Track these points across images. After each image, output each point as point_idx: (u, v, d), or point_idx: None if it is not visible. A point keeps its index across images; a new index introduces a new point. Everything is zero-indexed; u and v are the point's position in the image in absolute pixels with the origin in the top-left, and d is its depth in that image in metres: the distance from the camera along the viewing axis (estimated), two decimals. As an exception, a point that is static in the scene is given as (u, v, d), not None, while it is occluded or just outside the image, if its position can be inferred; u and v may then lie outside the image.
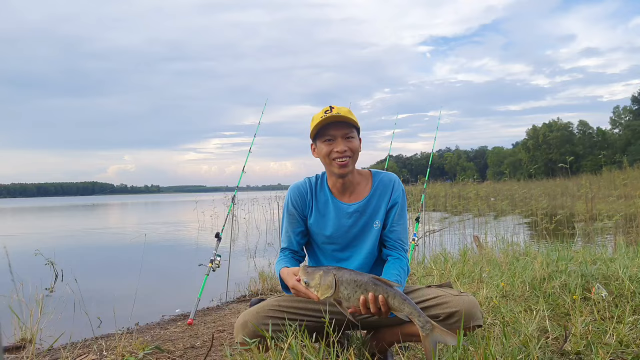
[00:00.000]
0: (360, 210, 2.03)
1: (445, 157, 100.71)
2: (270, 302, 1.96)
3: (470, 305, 1.85)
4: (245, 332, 1.85)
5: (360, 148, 2.02)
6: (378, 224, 2.02)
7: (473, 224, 11.46)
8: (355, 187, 2.06)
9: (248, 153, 4.48)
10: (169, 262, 7.93)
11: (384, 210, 2.03)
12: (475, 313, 1.85)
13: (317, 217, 2.08)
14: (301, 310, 1.96)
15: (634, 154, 41.18)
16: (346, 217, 2.04)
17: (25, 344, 3.01)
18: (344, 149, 1.95)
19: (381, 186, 2.05)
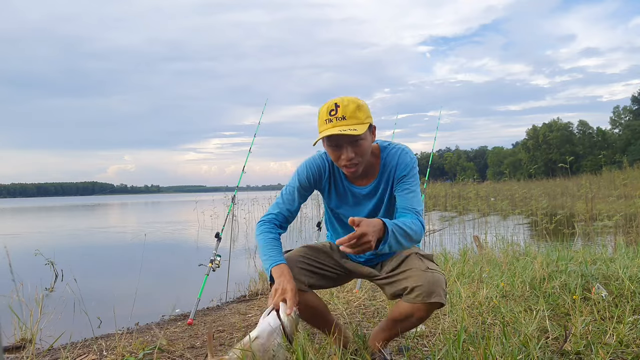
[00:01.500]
0: (372, 193, 2.05)
1: (445, 157, 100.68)
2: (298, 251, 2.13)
3: (432, 281, 1.86)
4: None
5: (371, 142, 1.92)
6: (386, 201, 2.05)
7: (473, 224, 11.46)
8: (367, 170, 2.01)
9: (248, 153, 4.48)
10: (169, 262, 7.93)
11: (391, 187, 2.02)
12: (436, 290, 1.85)
13: (337, 201, 2.11)
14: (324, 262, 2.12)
15: (634, 154, 41.19)
16: (362, 201, 2.07)
17: (25, 344, 3.01)
18: (351, 157, 1.86)
19: (388, 164, 2.01)
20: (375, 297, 3.70)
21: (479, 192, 15.43)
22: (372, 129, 1.93)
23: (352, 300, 3.61)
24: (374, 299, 3.62)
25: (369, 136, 1.90)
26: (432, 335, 2.55)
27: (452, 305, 2.97)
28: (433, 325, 2.71)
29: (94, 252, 9.71)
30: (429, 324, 2.73)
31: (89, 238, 12.86)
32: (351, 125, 1.82)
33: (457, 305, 2.97)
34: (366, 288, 3.97)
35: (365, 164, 1.94)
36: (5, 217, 27.52)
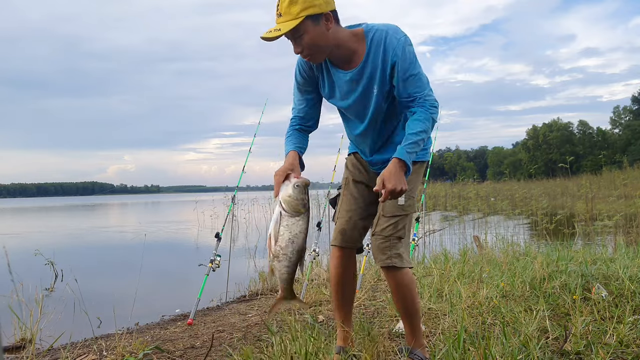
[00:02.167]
0: (356, 78, 1.95)
1: (445, 157, 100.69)
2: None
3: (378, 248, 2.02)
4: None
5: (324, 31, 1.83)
6: (376, 90, 1.93)
7: (473, 224, 11.46)
8: (352, 55, 1.93)
9: (248, 153, 4.48)
10: (169, 262, 7.93)
11: (380, 74, 1.90)
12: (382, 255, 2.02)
13: (329, 90, 2.07)
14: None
15: (634, 154, 41.21)
16: (346, 86, 1.99)
17: (25, 344, 3.01)
18: (299, 50, 1.88)
19: (373, 48, 1.90)
20: (375, 297, 3.70)
21: (479, 192, 15.43)
22: (322, 17, 1.81)
23: (352, 300, 3.60)
24: (374, 299, 3.62)
25: (312, 28, 1.80)
26: (432, 335, 2.55)
27: (452, 305, 2.97)
28: (433, 325, 2.71)
29: (94, 252, 9.72)
30: (429, 324, 2.73)
31: (89, 238, 12.87)
32: (284, 22, 1.80)
33: (457, 305, 2.97)
34: (366, 288, 3.97)
35: (324, 53, 1.90)
36: (5, 217, 27.53)
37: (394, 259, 1.99)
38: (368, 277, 4.46)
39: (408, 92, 1.88)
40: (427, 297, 3.23)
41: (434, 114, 1.87)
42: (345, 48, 1.91)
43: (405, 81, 1.87)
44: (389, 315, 3.01)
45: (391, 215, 2.02)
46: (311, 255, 3.99)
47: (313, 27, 1.80)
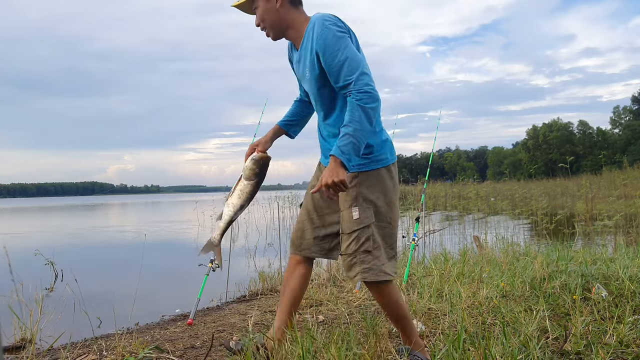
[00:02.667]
0: (297, 60, 2.10)
1: (445, 157, 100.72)
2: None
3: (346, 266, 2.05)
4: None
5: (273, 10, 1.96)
6: (308, 74, 1.99)
7: (473, 224, 11.46)
8: (300, 38, 2.02)
9: (248, 153, 4.48)
10: (169, 262, 7.93)
11: (310, 60, 1.95)
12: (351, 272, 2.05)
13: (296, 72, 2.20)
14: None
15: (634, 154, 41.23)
16: (297, 68, 2.15)
17: (25, 344, 3.01)
18: (257, 23, 2.03)
19: (307, 34, 1.97)
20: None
21: (479, 192, 15.43)
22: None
23: (352, 300, 3.61)
24: (374, 299, 3.62)
25: (264, 4, 1.97)
26: (432, 335, 2.55)
27: (452, 305, 2.97)
28: (433, 325, 2.72)
29: (94, 252, 9.72)
30: (429, 324, 2.73)
31: (89, 238, 12.87)
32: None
33: (457, 305, 2.97)
34: (366, 288, 3.97)
35: (276, 32, 2.03)
36: (5, 217, 27.52)
37: (364, 274, 1.96)
38: (368, 277, 4.46)
39: (338, 80, 1.87)
40: (427, 297, 3.23)
41: (360, 101, 1.79)
42: (296, 30, 2.02)
43: (332, 68, 1.88)
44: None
45: (350, 231, 1.96)
46: (311, 255, 3.99)
47: (264, 4, 1.97)
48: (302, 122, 2.40)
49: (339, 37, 1.85)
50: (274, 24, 1.99)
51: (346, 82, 1.84)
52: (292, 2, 1.99)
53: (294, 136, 2.38)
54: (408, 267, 4.12)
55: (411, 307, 2.96)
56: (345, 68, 1.83)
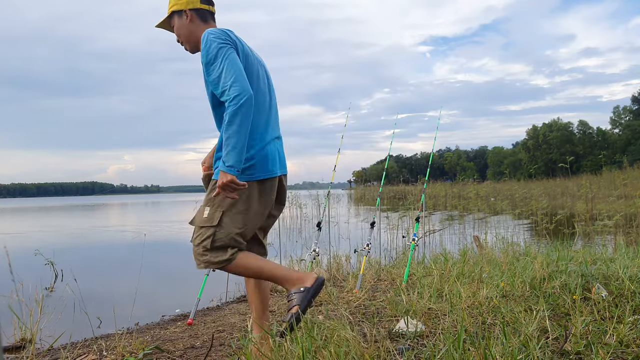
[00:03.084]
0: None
1: (445, 157, 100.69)
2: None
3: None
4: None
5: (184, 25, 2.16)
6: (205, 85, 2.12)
7: (473, 224, 11.46)
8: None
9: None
10: (169, 262, 7.94)
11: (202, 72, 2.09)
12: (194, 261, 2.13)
13: None
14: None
15: (634, 154, 41.26)
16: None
17: (25, 344, 3.01)
18: (176, 39, 2.23)
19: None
20: (375, 297, 3.70)
21: (479, 192, 15.42)
22: (184, 13, 2.15)
23: (352, 300, 3.61)
24: (374, 299, 3.62)
25: (177, 21, 2.18)
26: (432, 335, 2.55)
27: (452, 305, 2.97)
28: (433, 325, 2.71)
29: (94, 252, 9.72)
30: (429, 324, 2.73)
31: (89, 238, 12.86)
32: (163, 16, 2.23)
33: (457, 305, 2.97)
34: (366, 288, 3.97)
35: (191, 45, 2.20)
36: (5, 217, 27.52)
37: (199, 265, 2.08)
38: (368, 277, 4.46)
39: (216, 90, 1.99)
40: (427, 297, 3.23)
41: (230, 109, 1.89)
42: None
43: (210, 79, 2.01)
44: (389, 315, 3.01)
45: (199, 225, 2.08)
46: (311, 255, 3.99)
47: (178, 20, 2.18)
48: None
49: (218, 49, 1.96)
50: (187, 38, 2.18)
51: (222, 92, 1.95)
52: (202, 18, 2.17)
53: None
54: (408, 267, 4.12)
55: (411, 307, 2.96)
56: (220, 79, 1.95)
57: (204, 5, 2.18)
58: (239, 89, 1.89)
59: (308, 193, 16.55)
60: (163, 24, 2.24)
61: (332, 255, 5.32)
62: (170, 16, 2.19)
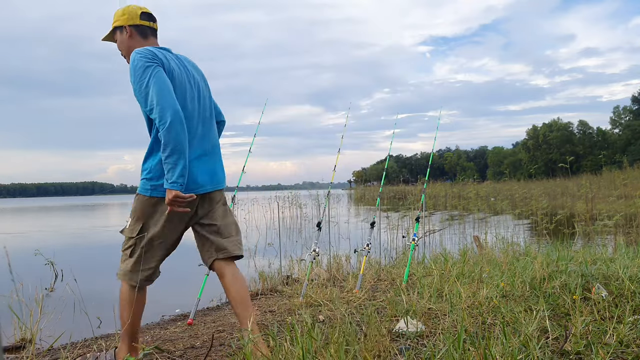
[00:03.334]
0: None
1: (445, 157, 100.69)
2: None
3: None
4: None
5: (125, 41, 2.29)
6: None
7: (473, 224, 11.46)
8: None
9: (248, 153, 4.48)
10: (169, 262, 7.89)
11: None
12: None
13: None
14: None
15: (634, 154, 41.26)
16: None
17: (25, 344, 3.01)
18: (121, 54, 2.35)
19: None
20: (375, 297, 3.70)
21: (479, 192, 15.42)
22: (124, 29, 2.28)
23: (352, 300, 3.61)
24: (374, 299, 3.62)
25: (118, 36, 2.31)
26: (432, 335, 2.55)
27: (452, 305, 2.97)
28: (433, 325, 2.72)
29: (94, 251, 9.71)
30: (429, 324, 2.73)
31: (89, 238, 12.87)
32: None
33: (457, 305, 2.97)
34: (366, 288, 3.97)
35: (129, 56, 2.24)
36: (5, 217, 27.52)
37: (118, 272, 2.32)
38: (368, 277, 4.46)
39: (145, 109, 2.11)
40: (427, 297, 3.23)
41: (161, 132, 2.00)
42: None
43: (137, 98, 2.12)
44: (389, 315, 3.01)
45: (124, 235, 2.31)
46: (311, 255, 3.99)
47: (119, 36, 2.30)
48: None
49: (145, 68, 2.05)
50: (127, 52, 2.28)
51: (149, 110, 2.05)
52: (142, 34, 2.29)
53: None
54: (408, 267, 4.12)
55: (411, 307, 2.96)
56: (147, 101, 2.06)
57: (144, 21, 2.29)
58: (166, 110, 1.99)
59: (308, 193, 16.55)
60: (108, 38, 2.37)
61: (332, 255, 5.32)
62: (113, 31, 2.32)
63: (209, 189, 2.29)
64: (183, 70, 2.23)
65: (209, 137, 2.31)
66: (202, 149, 2.26)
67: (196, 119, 2.23)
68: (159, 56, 2.11)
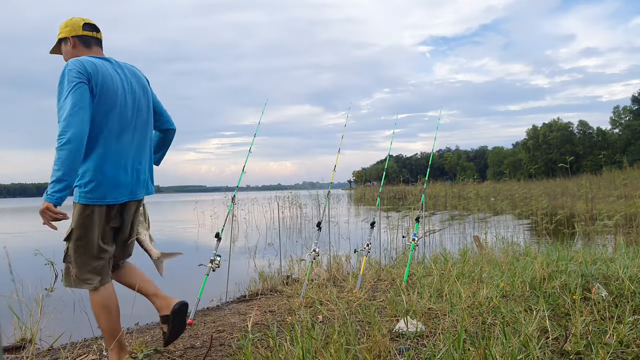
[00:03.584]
0: None
1: (445, 157, 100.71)
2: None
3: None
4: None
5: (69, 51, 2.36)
6: None
7: (473, 224, 11.46)
8: None
9: (248, 153, 4.48)
10: (169, 262, 7.91)
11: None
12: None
13: None
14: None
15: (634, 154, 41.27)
16: None
17: (25, 344, 3.01)
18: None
19: None
20: (375, 297, 3.70)
21: (479, 192, 15.43)
22: (68, 40, 2.36)
23: (352, 300, 3.61)
24: (374, 299, 3.62)
25: (63, 47, 2.38)
26: (432, 335, 2.55)
27: (452, 305, 2.97)
28: (433, 325, 2.72)
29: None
30: (429, 324, 2.73)
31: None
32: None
33: (457, 305, 2.97)
34: (366, 288, 3.97)
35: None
36: (5, 217, 27.53)
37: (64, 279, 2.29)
38: (368, 277, 4.46)
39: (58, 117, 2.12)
40: (427, 297, 3.23)
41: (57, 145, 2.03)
42: None
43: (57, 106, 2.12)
44: (389, 315, 3.01)
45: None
46: (311, 255, 3.99)
47: (64, 47, 2.38)
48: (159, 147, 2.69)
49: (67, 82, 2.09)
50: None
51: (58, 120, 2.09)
52: (85, 43, 2.36)
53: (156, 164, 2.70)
54: (408, 267, 4.12)
55: (411, 307, 2.96)
56: (61, 111, 2.08)
57: (87, 32, 2.36)
58: (70, 127, 2.03)
59: (308, 193, 16.56)
60: (54, 50, 2.43)
61: (332, 255, 5.32)
62: (59, 43, 2.39)
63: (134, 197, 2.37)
64: (122, 81, 2.29)
65: (141, 148, 2.38)
66: (133, 158, 2.33)
67: (131, 130, 2.30)
68: (89, 70, 2.15)
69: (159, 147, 2.68)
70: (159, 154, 2.69)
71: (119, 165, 2.23)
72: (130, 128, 2.29)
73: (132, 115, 2.30)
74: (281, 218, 14.21)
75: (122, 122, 2.25)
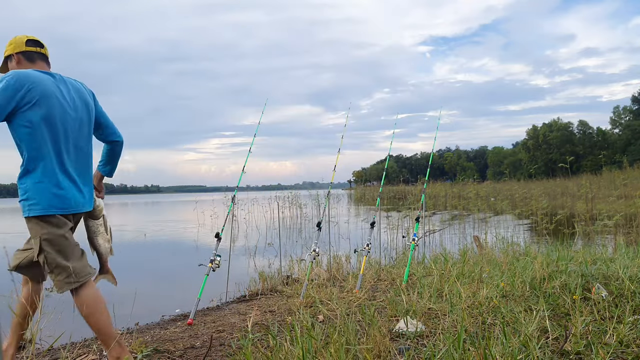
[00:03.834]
0: None
1: (445, 157, 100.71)
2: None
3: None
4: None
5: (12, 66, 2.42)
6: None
7: (473, 224, 11.46)
8: None
9: (248, 153, 4.48)
10: (169, 262, 7.93)
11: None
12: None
13: None
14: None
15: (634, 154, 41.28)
16: None
17: (25, 344, 3.01)
18: None
19: None
20: (375, 297, 3.70)
21: (479, 192, 15.42)
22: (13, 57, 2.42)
23: (352, 300, 3.61)
24: (374, 299, 3.62)
25: (10, 64, 2.45)
26: (432, 335, 2.55)
27: (452, 305, 2.97)
28: (433, 325, 2.72)
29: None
30: (429, 324, 2.73)
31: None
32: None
33: (457, 305, 2.97)
34: (366, 288, 3.97)
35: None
36: (5, 217, 27.52)
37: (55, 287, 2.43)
38: (368, 277, 4.46)
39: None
40: (427, 297, 3.23)
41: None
42: None
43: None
44: (389, 315, 3.01)
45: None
46: (311, 255, 3.99)
47: (9, 64, 2.45)
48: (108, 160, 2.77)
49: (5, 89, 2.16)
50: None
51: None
52: (29, 59, 2.43)
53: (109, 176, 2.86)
54: (408, 267, 4.12)
55: (411, 307, 2.96)
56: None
57: (30, 47, 2.44)
58: None
59: (308, 193, 16.56)
60: (1, 69, 2.50)
61: (332, 255, 5.32)
62: (5, 61, 2.47)
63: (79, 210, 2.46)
64: (63, 96, 2.35)
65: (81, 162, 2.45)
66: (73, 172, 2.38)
67: (71, 143, 2.36)
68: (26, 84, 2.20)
69: (108, 160, 2.74)
70: (108, 167, 2.77)
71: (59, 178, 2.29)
72: (70, 142, 2.36)
73: (72, 130, 2.36)
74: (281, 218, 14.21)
75: (64, 135, 2.32)
